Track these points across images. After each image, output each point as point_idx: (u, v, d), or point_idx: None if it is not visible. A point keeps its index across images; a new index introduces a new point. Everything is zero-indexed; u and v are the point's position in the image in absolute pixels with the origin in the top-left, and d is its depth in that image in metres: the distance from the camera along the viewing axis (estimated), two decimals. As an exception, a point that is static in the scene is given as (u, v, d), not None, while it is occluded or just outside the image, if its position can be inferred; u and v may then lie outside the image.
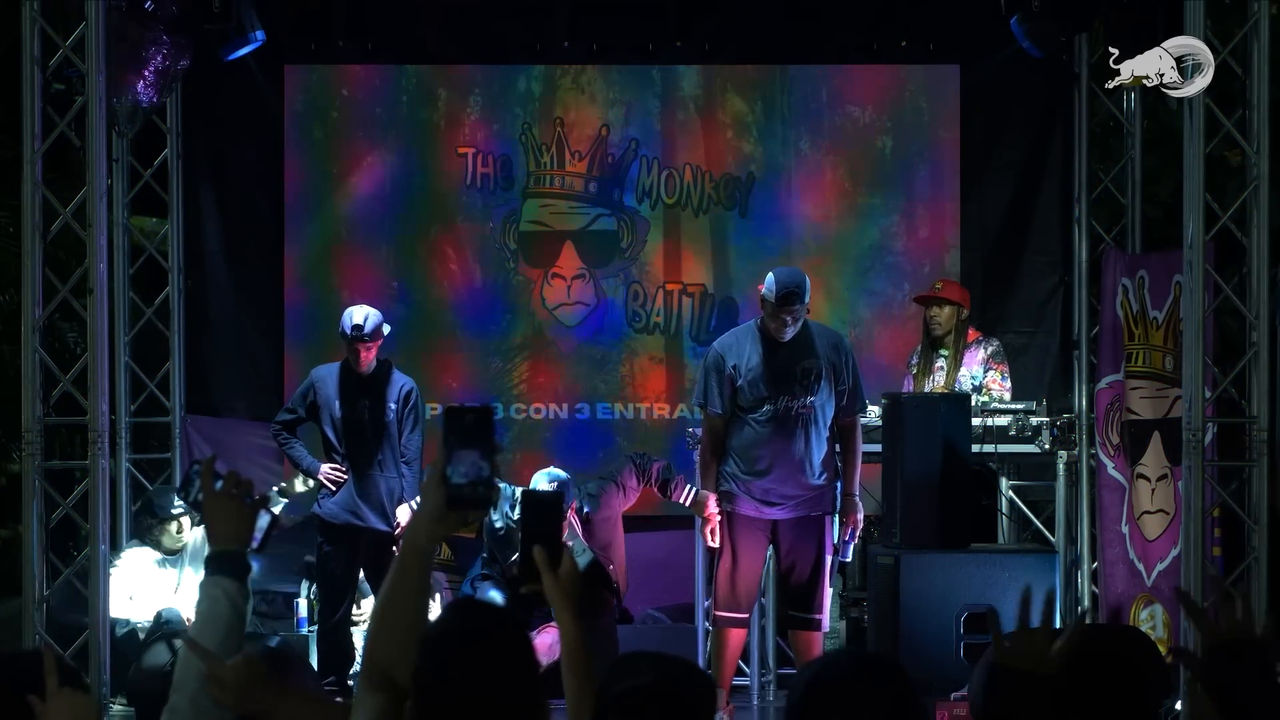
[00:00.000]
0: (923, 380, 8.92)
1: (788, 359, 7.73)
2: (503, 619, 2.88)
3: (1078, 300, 9.44)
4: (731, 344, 7.82)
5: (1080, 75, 9.34)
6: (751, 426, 7.76)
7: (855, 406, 7.85)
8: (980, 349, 8.96)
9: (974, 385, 8.84)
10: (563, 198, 9.89)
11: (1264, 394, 7.74)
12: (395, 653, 2.86)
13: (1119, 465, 8.60)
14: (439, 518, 2.94)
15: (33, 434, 7.66)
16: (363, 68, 9.87)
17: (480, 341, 9.80)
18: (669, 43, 9.77)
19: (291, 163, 9.85)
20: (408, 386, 8.63)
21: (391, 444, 8.55)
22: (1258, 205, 7.72)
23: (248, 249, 9.76)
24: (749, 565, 7.80)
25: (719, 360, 7.78)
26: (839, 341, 7.91)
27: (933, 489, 7.83)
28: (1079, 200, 9.41)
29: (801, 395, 7.71)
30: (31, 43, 7.68)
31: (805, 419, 7.73)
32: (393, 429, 8.56)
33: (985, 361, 8.91)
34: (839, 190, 9.86)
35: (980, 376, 8.88)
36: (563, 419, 9.81)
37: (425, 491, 2.96)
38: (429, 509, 2.94)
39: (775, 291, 7.62)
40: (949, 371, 8.88)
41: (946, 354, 8.92)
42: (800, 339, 7.75)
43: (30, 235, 7.68)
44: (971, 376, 8.87)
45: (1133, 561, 8.43)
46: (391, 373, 8.68)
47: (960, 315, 8.95)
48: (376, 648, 2.93)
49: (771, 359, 7.72)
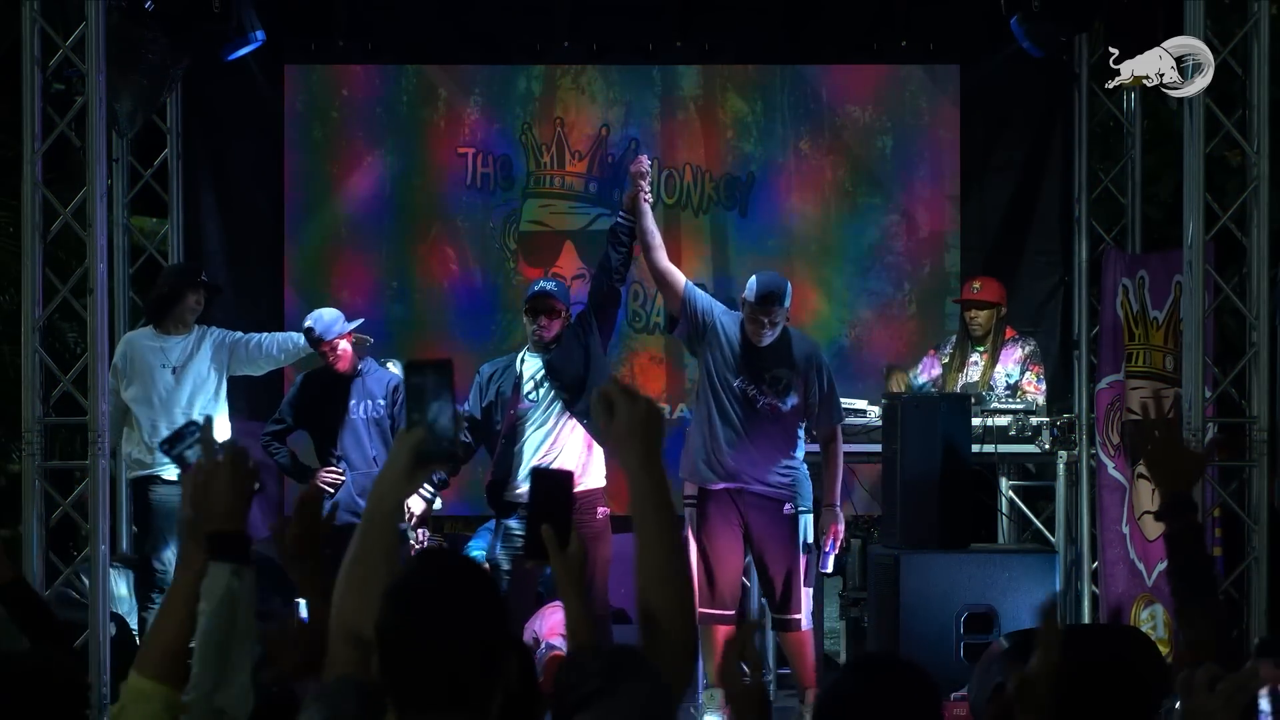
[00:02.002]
0: (956, 376, 8.87)
1: (762, 361, 7.71)
2: (468, 568, 2.79)
3: (1078, 300, 9.43)
4: (726, 317, 7.79)
5: (1080, 75, 9.34)
6: (720, 404, 7.74)
7: (831, 419, 7.83)
8: (1017, 348, 8.90)
9: (1009, 384, 8.81)
10: (563, 198, 9.89)
11: (1264, 394, 7.74)
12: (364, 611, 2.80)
13: (1119, 465, 8.61)
14: (406, 475, 2.93)
15: (33, 434, 7.66)
16: (363, 68, 9.87)
17: (480, 341, 9.79)
18: (669, 43, 9.77)
19: (291, 163, 9.84)
20: (394, 381, 8.63)
21: (385, 439, 8.54)
22: (1258, 205, 7.72)
23: (248, 249, 9.76)
24: (724, 560, 7.77)
25: (721, 316, 7.76)
26: (814, 353, 7.86)
27: (933, 489, 7.83)
28: (1079, 200, 9.41)
29: (769, 395, 7.72)
30: (31, 43, 7.68)
31: (770, 415, 7.72)
32: (385, 424, 8.56)
33: (1022, 361, 8.87)
34: (839, 190, 9.86)
35: (1016, 376, 8.84)
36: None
37: (392, 450, 2.96)
38: (397, 466, 2.93)
39: (754, 292, 7.61)
40: (985, 369, 8.84)
41: (983, 349, 8.89)
42: (778, 346, 7.73)
43: (30, 235, 7.68)
44: (1007, 374, 8.84)
45: (1133, 561, 8.44)
46: (378, 369, 8.69)
47: (999, 314, 8.91)
48: (345, 606, 2.88)
49: (746, 353, 7.70)
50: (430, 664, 2.63)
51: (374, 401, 8.57)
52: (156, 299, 8.71)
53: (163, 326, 8.62)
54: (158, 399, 8.50)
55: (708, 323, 7.74)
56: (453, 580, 2.72)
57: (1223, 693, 2.79)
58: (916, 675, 2.91)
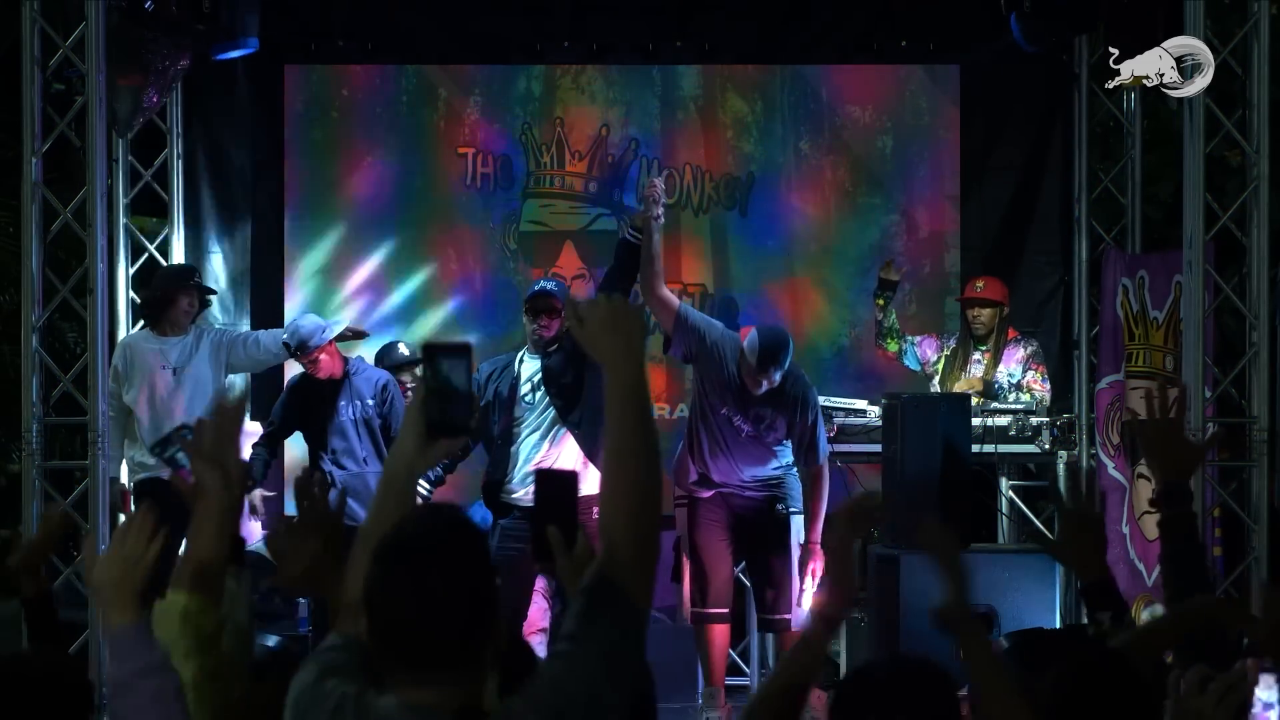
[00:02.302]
0: (957, 374, 8.86)
1: (751, 397, 7.72)
2: (457, 524, 2.66)
3: (1078, 300, 9.44)
4: (726, 340, 7.79)
5: (1080, 75, 9.35)
6: (707, 420, 7.78)
7: (815, 459, 7.82)
8: (1020, 348, 8.89)
9: (1012, 384, 8.81)
10: (563, 198, 9.88)
11: (1264, 394, 7.74)
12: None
13: (1119, 465, 8.61)
14: (419, 449, 2.89)
15: (33, 434, 7.66)
16: (363, 68, 9.87)
17: (480, 342, 9.78)
18: (669, 43, 9.77)
19: (291, 163, 9.84)
20: (383, 380, 8.64)
21: (375, 439, 8.56)
22: (1258, 205, 7.72)
23: (248, 249, 9.76)
24: (715, 560, 7.79)
25: (720, 338, 7.77)
26: (802, 395, 7.82)
27: (932, 489, 7.83)
28: (1079, 200, 9.41)
29: (751, 427, 7.74)
30: (31, 43, 7.69)
31: (753, 439, 7.76)
32: (375, 425, 8.57)
33: (1025, 361, 8.86)
34: (839, 190, 9.85)
35: (1019, 375, 8.84)
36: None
37: (404, 425, 2.92)
38: (409, 442, 2.90)
39: (755, 354, 7.58)
40: (987, 368, 8.83)
41: (985, 348, 8.88)
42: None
43: (30, 235, 7.68)
44: (1009, 374, 8.84)
45: (1133, 562, 8.44)
46: (366, 369, 8.70)
47: (1002, 314, 8.90)
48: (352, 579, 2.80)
49: (737, 386, 7.71)
50: (416, 622, 2.54)
51: (363, 402, 8.57)
52: (149, 301, 8.71)
53: (159, 329, 8.62)
54: (159, 400, 8.50)
55: (705, 343, 7.74)
56: (441, 537, 2.62)
57: (1214, 693, 2.78)
58: (937, 671, 2.92)
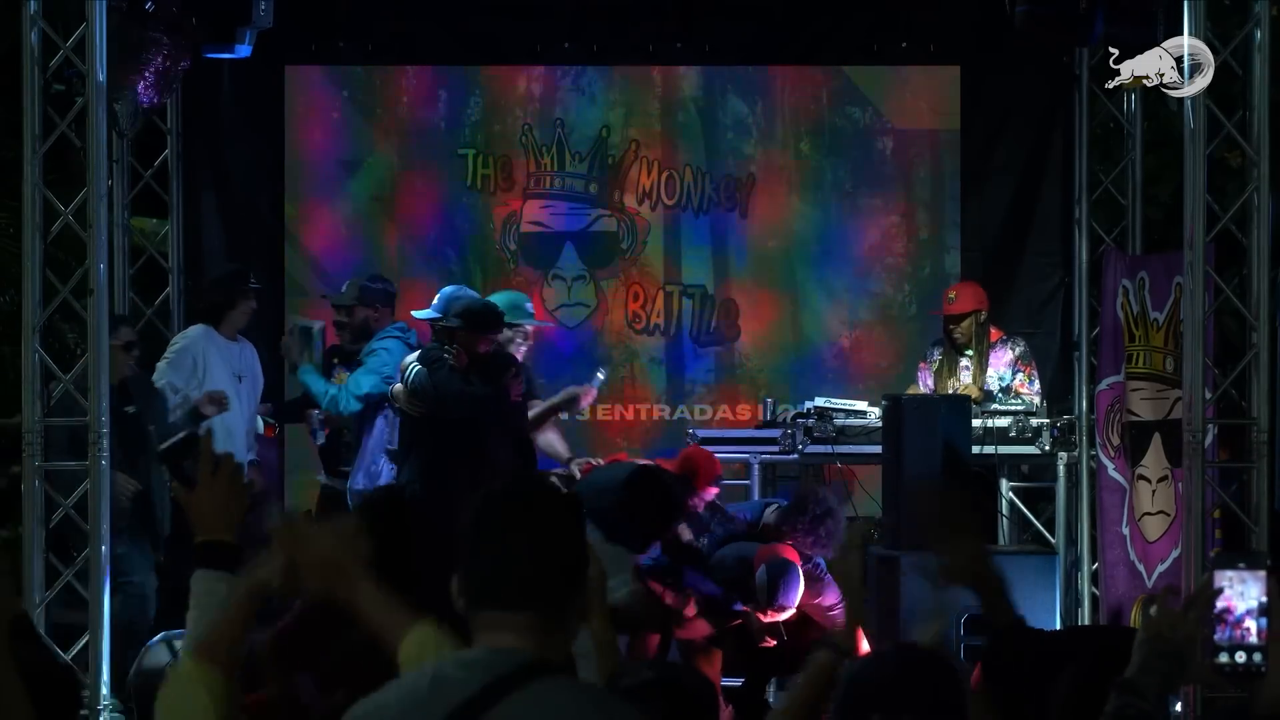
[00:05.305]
0: (947, 381, 8.86)
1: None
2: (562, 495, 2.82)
3: (1078, 301, 9.44)
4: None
5: (1080, 76, 9.34)
6: None
7: None
8: (1007, 349, 8.90)
9: (1002, 386, 8.80)
10: (563, 199, 9.89)
11: (1264, 395, 7.73)
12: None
13: (1119, 466, 8.60)
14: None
15: (33, 434, 7.65)
16: (363, 68, 9.87)
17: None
18: (669, 44, 9.77)
19: (291, 163, 9.85)
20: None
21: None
22: (1258, 206, 7.71)
23: (248, 249, 9.76)
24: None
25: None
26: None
27: (932, 490, 7.82)
28: (1079, 201, 9.41)
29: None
30: (31, 43, 7.68)
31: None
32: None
33: (1013, 363, 8.86)
34: (839, 190, 9.86)
35: (1008, 378, 8.84)
36: (563, 420, 9.78)
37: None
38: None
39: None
40: (975, 373, 8.83)
41: (971, 354, 8.87)
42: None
43: (30, 235, 7.67)
44: (999, 378, 8.83)
45: (1133, 563, 8.43)
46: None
47: (979, 320, 8.89)
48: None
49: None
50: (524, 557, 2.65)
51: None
52: (212, 304, 8.72)
53: (222, 332, 8.66)
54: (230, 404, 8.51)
55: None
56: (555, 491, 2.83)
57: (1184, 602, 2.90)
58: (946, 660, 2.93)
